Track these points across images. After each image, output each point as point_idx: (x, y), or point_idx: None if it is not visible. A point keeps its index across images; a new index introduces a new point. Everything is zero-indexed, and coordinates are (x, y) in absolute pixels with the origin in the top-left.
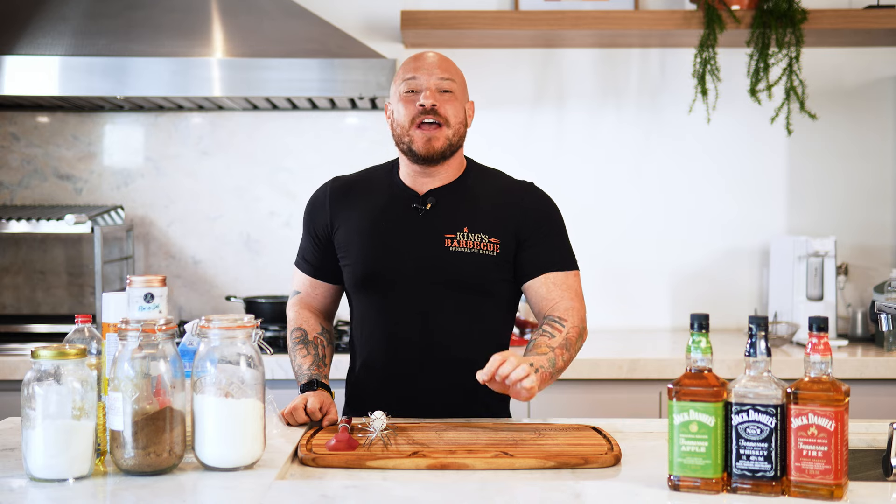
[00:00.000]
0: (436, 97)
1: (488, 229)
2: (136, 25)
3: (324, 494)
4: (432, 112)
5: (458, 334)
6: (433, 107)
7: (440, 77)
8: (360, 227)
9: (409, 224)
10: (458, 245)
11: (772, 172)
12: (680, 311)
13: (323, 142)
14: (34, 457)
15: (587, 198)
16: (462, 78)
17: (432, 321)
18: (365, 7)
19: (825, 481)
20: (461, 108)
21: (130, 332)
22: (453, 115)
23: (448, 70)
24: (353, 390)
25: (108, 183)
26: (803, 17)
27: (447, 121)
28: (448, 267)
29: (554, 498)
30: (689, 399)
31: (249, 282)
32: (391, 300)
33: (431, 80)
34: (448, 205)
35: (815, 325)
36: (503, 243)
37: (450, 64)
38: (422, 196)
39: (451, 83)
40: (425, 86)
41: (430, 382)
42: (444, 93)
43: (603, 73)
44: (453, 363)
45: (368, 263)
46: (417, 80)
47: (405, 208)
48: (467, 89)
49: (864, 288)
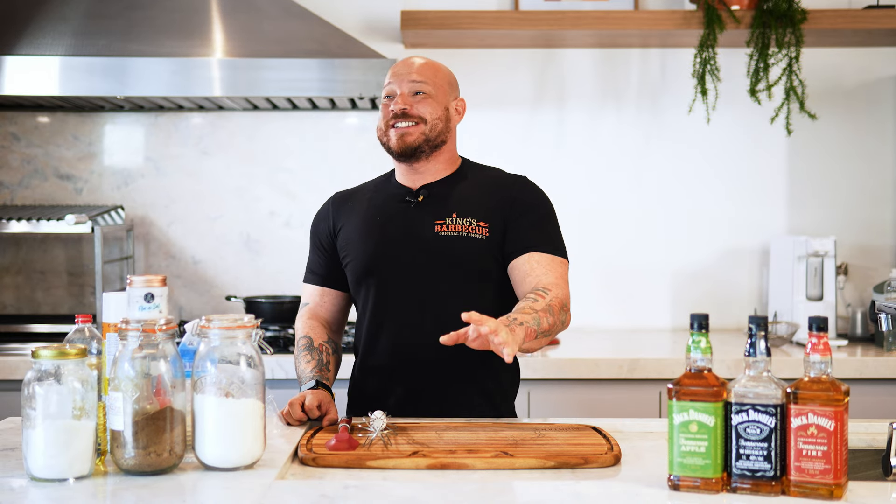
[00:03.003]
0: (407, 101)
1: (477, 214)
2: (136, 25)
3: (324, 494)
4: (403, 116)
5: (454, 318)
6: (403, 111)
7: (412, 80)
8: (359, 226)
9: (402, 216)
10: (447, 230)
11: (772, 172)
12: (680, 311)
13: (323, 142)
14: (34, 457)
15: (587, 198)
16: (443, 78)
17: (428, 307)
18: (365, 7)
19: (825, 481)
20: (439, 106)
21: (131, 332)
22: (429, 112)
23: (422, 73)
24: (355, 385)
25: (108, 183)
26: (803, 17)
27: (422, 118)
28: (439, 250)
29: (554, 498)
30: (688, 399)
31: (249, 282)
32: (389, 289)
33: (404, 85)
34: (439, 196)
35: (814, 325)
36: (492, 227)
37: (426, 67)
38: (415, 191)
39: (423, 85)
40: (398, 91)
41: (428, 370)
42: (416, 94)
43: (603, 74)
44: (449, 349)
45: (366, 257)
46: (392, 85)
47: (399, 203)
48: (456, 88)
49: (864, 288)
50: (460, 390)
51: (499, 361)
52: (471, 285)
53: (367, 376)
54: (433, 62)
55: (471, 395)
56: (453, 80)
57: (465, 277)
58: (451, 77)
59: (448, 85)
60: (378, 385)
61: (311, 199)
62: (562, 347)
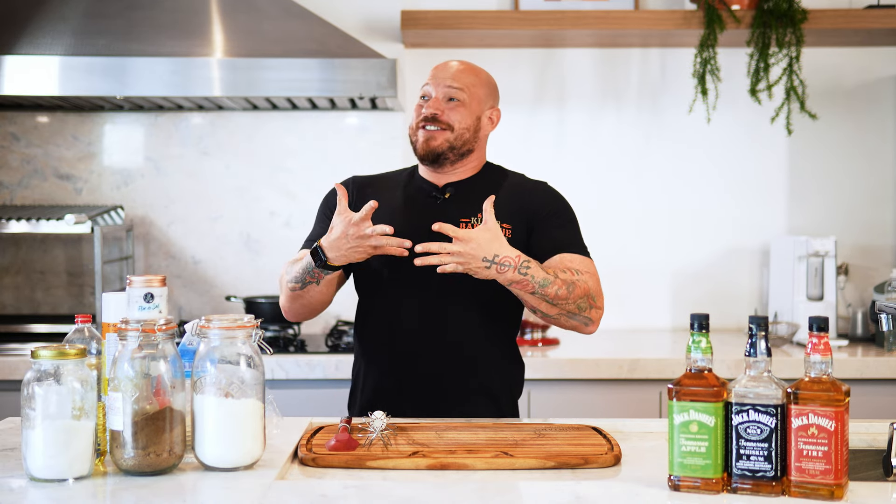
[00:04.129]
0: (440, 106)
1: (501, 216)
2: (136, 25)
3: (324, 494)
4: (433, 120)
5: (467, 317)
6: (434, 115)
7: (448, 86)
8: (379, 213)
9: (427, 210)
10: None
11: (772, 172)
12: (680, 311)
13: (323, 142)
14: (34, 457)
15: (587, 198)
16: (481, 87)
17: (443, 303)
18: (365, 7)
19: (825, 481)
20: (470, 115)
21: (130, 332)
22: (457, 120)
23: (459, 79)
24: (357, 382)
25: (108, 183)
26: (803, 17)
27: (450, 126)
28: None
29: (554, 498)
30: (689, 399)
31: (249, 282)
32: (406, 281)
33: (440, 88)
34: (465, 194)
35: (815, 325)
36: (515, 230)
37: (465, 74)
38: (441, 187)
39: (458, 92)
40: (433, 94)
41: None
42: (450, 101)
43: (603, 73)
44: (461, 347)
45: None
46: (428, 87)
47: (425, 197)
48: (494, 97)
49: (865, 288)
50: (464, 385)
51: (506, 361)
52: (486, 283)
53: (372, 370)
54: (474, 68)
55: (476, 393)
56: (492, 88)
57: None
58: (489, 86)
59: (485, 94)
60: (384, 378)
61: (311, 199)
62: (562, 347)
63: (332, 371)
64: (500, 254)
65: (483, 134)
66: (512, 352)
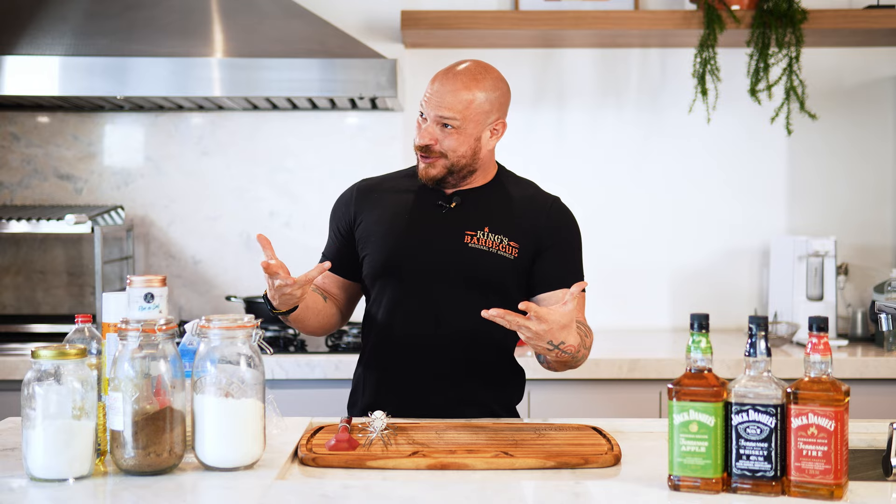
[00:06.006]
0: (434, 134)
1: (509, 232)
2: (136, 25)
3: (324, 494)
4: (428, 150)
5: (467, 332)
6: (427, 146)
7: (440, 114)
8: (383, 219)
9: (432, 219)
10: (477, 243)
11: (772, 172)
12: (680, 311)
13: (323, 142)
14: (34, 457)
15: (587, 198)
16: (479, 105)
17: (443, 313)
18: (365, 7)
19: (825, 481)
20: (466, 140)
21: (130, 332)
22: (451, 149)
23: (453, 105)
24: (358, 384)
25: (108, 183)
26: (803, 17)
27: (444, 154)
28: (465, 262)
29: (554, 498)
30: (689, 399)
31: (249, 282)
32: (406, 289)
33: (432, 112)
34: (472, 205)
35: (815, 325)
36: (522, 248)
37: (461, 93)
38: (448, 195)
39: (451, 119)
40: (428, 116)
41: (435, 374)
42: (445, 127)
43: (603, 73)
44: (460, 361)
45: (388, 251)
46: (423, 106)
47: (431, 205)
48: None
49: (864, 288)
50: (467, 398)
51: (507, 368)
52: (488, 300)
53: (372, 375)
54: (475, 82)
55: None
56: (496, 101)
57: (483, 292)
58: (491, 101)
59: (485, 112)
60: (382, 385)
61: (311, 199)
62: None
63: (332, 371)
64: (566, 342)
65: (485, 151)
66: (511, 363)
